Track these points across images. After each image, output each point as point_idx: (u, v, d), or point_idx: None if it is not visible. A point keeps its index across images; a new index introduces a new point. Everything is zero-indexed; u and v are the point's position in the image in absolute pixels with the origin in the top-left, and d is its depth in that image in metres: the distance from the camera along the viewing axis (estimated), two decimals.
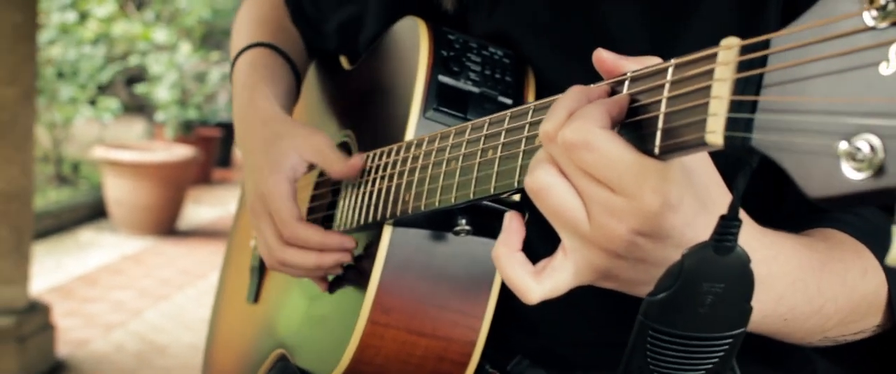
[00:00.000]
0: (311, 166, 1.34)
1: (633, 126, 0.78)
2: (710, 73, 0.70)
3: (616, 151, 0.75)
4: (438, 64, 1.22)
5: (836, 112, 0.59)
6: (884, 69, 0.57)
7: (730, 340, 0.76)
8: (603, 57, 0.84)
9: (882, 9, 0.58)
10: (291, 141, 1.32)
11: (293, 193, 1.31)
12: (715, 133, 0.68)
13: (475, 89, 1.22)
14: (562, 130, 0.77)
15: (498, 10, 1.25)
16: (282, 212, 1.28)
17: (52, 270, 6.18)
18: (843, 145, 0.58)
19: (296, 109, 1.61)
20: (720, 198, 0.80)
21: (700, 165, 0.79)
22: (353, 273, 1.30)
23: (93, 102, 8.31)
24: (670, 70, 0.75)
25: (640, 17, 1.11)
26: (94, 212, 7.61)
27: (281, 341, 1.46)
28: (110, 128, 9.07)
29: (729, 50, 0.70)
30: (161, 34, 8.67)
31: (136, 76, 9.35)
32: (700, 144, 0.70)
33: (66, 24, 7.88)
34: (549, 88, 1.16)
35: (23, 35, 4.12)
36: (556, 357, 1.23)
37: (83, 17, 8.19)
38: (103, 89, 8.98)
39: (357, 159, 1.27)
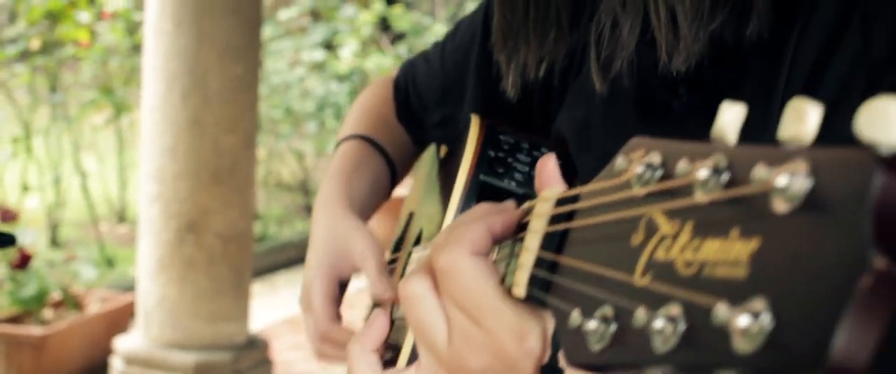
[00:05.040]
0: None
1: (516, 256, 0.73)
2: (527, 224, 0.68)
3: (479, 285, 0.69)
4: (483, 163, 1.24)
5: (592, 282, 0.55)
6: (634, 241, 0.51)
7: None
8: (545, 167, 0.71)
9: (639, 177, 0.53)
10: (344, 243, 1.37)
11: (333, 292, 1.36)
12: (519, 286, 0.65)
13: (519, 190, 1.22)
14: (436, 251, 0.72)
15: (561, 113, 1.24)
16: (317, 310, 1.34)
17: (287, 302, 6.47)
18: (578, 316, 0.54)
19: (413, 189, 1.69)
20: None
21: None
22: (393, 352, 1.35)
23: None
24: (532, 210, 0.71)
25: None
26: None
27: None
28: None
29: (545, 201, 0.66)
30: None
31: None
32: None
33: (315, 61, 8.29)
34: None
35: (244, 85, 4.34)
36: None
37: (333, 53, 8.59)
38: None
39: (388, 292, 1.30)
